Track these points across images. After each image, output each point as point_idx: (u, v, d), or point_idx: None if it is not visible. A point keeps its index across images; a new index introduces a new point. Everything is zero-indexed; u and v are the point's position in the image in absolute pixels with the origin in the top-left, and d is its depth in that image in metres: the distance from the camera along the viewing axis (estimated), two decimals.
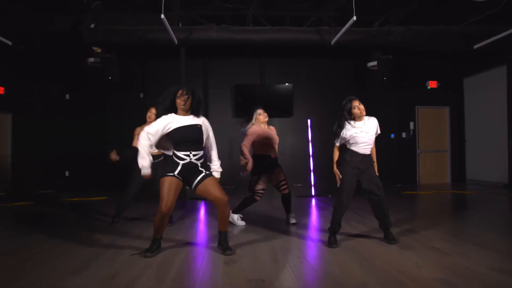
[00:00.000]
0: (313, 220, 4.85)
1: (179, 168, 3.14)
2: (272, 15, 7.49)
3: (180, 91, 3.18)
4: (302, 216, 5.11)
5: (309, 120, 7.37)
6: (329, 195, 7.21)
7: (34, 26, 6.82)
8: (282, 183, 4.45)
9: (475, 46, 7.08)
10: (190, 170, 3.17)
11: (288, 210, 4.61)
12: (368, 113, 3.56)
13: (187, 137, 3.14)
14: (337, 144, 3.60)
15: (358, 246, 3.45)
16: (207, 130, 3.33)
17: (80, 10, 6.87)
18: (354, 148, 3.51)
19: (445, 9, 6.95)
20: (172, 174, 3.12)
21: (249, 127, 4.43)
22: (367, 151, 3.53)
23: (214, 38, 6.98)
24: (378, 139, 3.64)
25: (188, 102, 3.17)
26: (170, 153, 3.26)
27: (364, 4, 5.80)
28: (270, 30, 7.06)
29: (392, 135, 9.21)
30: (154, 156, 4.43)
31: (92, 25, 7.06)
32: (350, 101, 3.52)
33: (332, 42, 6.93)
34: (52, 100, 8.86)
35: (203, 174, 3.19)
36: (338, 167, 3.58)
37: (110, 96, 9.00)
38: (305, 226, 4.47)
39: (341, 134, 3.50)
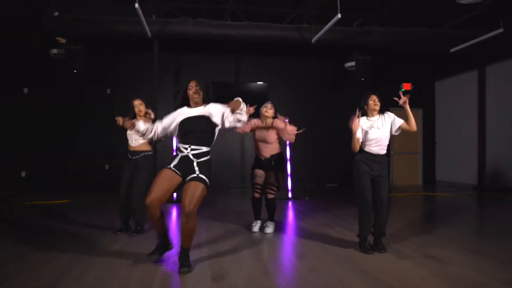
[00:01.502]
0: (294, 225, 4.62)
1: (176, 160, 3.00)
2: (251, 11, 7.21)
3: (191, 83, 3.09)
4: (283, 220, 4.88)
5: (287, 121, 7.12)
6: (306, 198, 7.05)
7: None
8: (269, 186, 4.20)
9: (452, 50, 7.16)
10: (186, 165, 2.96)
11: (269, 217, 4.30)
12: (343, 114, 3.50)
13: (189, 129, 3.01)
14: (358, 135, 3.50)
15: (351, 256, 3.26)
16: (216, 114, 3.06)
17: None
18: (366, 148, 3.47)
19: (424, 11, 6.96)
20: (168, 166, 2.98)
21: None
22: (380, 151, 3.45)
23: (191, 32, 6.62)
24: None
25: (200, 94, 3.07)
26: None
27: (344, 3, 5.64)
28: (249, 26, 6.79)
29: None
30: (134, 152, 4.07)
31: (56, 13, 6.50)
32: (369, 95, 3.55)
33: (313, 40, 6.77)
34: (8, 94, 8.11)
35: (194, 175, 2.90)
36: (353, 166, 3.52)
37: (74, 91, 8.38)
38: (287, 232, 4.24)
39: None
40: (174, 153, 3.14)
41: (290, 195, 7.06)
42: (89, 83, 8.37)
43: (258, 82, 8.70)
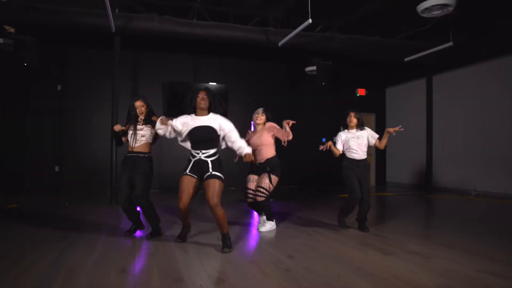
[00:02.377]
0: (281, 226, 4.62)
1: (191, 165, 3.49)
2: (217, 11, 7.12)
3: (201, 92, 3.50)
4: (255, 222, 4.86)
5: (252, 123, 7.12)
6: (271, 199, 7.08)
7: None
8: (259, 188, 4.19)
9: (406, 59, 7.65)
10: (201, 166, 3.46)
11: (267, 218, 4.36)
12: (302, 117, 4.25)
13: (199, 137, 3.48)
14: (337, 146, 4.32)
15: (340, 254, 3.33)
16: (222, 128, 3.54)
17: None
18: (348, 154, 4.28)
19: (382, 22, 7.36)
20: (185, 172, 3.48)
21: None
22: (361, 156, 4.26)
23: (156, 29, 6.37)
24: (311, 144, 4.53)
25: (207, 102, 3.50)
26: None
27: (307, 9, 5.78)
28: (215, 25, 6.70)
29: (324, 139, 9.48)
30: (134, 153, 3.83)
31: None
32: (348, 113, 4.35)
33: (280, 43, 6.85)
34: None
35: (209, 173, 3.41)
36: (343, 171, 4.27)
37: (22, 86, 7.68)
38: (268, 233, 4.23)
39: (338, 137, 4.34)
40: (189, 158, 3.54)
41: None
42: (38, 78, 7.73)
43: (218, 84, 8.61)
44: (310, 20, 5.66)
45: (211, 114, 3.56)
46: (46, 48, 7.50)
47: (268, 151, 4.25)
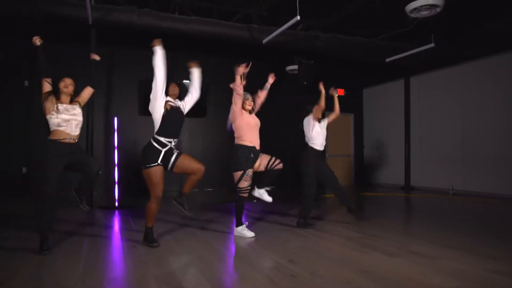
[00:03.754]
0: (258, 229, 4.45)
1: (161, 156, 3.41)
2: (199, 6, 6.85)
3: (172, 83, 3.65)
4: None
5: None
6: (254, 200, 6.91)
7: None
8: (273, 159, 4.09)
9: (387, 59, 7.71)
10: (168, 156, 3.45)
11: (266, 184, 4.20)
12: (282, 116, 4.30)
13: (174, 123, 3.53)
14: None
15: (344, 257, 3.21)
16: (187, 102, 3.78)
17: None
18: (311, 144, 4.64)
19: (364, 22, 7.37)
20: (156, 163, 3.38)
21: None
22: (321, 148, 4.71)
23: (136, 23, 6.03)
24: (290, 144, 4.31)
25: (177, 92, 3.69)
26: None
27: (291, 7, 5.68)
28: (199, 21, 6.45)
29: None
30: (71, 143, 3.37)
31: None
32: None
33: (264, 41, 6.70)
34: None
35: (176, 153, 3.50)
36: (301, 163, 4.59)
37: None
38: (260, 237, 4.06)
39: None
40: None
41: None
42: (3, 72, 7.16)
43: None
44: (298, 17, 5.55)
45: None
46: (14, 40, 6.96)
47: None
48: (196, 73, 3.93)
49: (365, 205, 6.69)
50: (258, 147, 4.05)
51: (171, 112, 3.49)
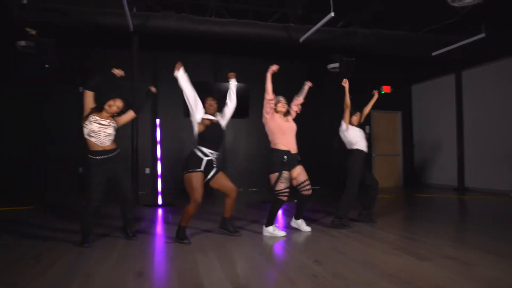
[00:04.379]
0: (291, 227, 4.40)
1: (203, 164, 3.63)
2: (234, 8, 6.97)
3: (209, 99, 3.81)
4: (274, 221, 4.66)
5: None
6: (295, 200, 6.86)
7: None
8: (306, 183, 4.06)
9: (434, 53, 7.28)
10: (209, 166, 3.68)
11: (300, 214, 4.25)
12: (325, 115, 4.19)
13: (216, 137, 3.74)
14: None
15: (370, 259, 3.09)
16: (224, 115, 3.94)
17: None
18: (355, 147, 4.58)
19: (405, 15, 7.03)
20: (199, 170, 3.61)
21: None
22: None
23: (173, 27, 6.26)
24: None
25: (215, 106, 3.83)
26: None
27: (326, 4, 5.55)
28: (235, 23, 6.54)
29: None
30: (105, 152, 3.59)
31: (25, 1, 5.94)
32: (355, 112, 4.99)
33: (301, 39, 6.64)
34: None
35: (215, 169, 3.72)
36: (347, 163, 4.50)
37: (44, 89, 7.73)
38: (290, 236, 4.02)
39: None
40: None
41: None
42: (58, 80, 7.77)
43: (239, 83, 8.45)
44: (332, 14, 5.44)
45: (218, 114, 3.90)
46: (67, 50, 7.53)
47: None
48: (233, 84, 4.08)
49: (414, 206, 6.37)
50: (293, 151, 4.02)
51: (210, 127, 3.72)
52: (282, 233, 3.95)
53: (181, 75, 3.76)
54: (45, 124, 7.79)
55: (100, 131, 3.57)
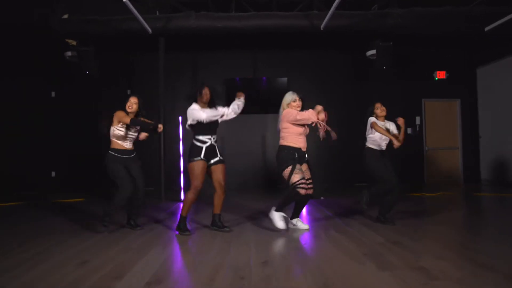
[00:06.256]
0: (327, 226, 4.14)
1: (203, 151, 3.78)
2: (259, 1, 6.84)
3: (205, 88, 3.87)
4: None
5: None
6: (322, 197, 6.53)
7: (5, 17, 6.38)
8: (309, 181, 3.88)
9: (486, 28, 6.25)
10: (211, 151, 3.83)
11: (297, 213, 4.08)
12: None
13: (212, 123, 3.85)
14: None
15: (323, 261, 2.80)
16: (222, 113, 4.00)
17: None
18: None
19: None
20: (199, 158, 3.75)
21: (284, 110, 3.93)
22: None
23: (193, 26, 6.39)
24: None
25: (208, 97, 3.90)
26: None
27: None
28: (254, 16, 6.43)
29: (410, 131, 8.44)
30: (127, 151, 4.01)
31: (66, 16, 6.59)
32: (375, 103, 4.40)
33: (322, 26, 6.25)
34: (37, 98, 8.44)
35: (218, 158, 3.88)
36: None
37: (96, 93, 8.52)
38: (324, 235, 3.83)
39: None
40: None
41: None
42: (109, 84, 8.47)
43: (280, 77, 8.34)
44: None
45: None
46: (109, 55, 8.20)
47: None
48: (241, 101, 4.13)
49: (477, 207, 5.60)
50: (304, 149, 3.91)
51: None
52: (281, 226, 3.78)
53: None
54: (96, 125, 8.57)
55: (132, 134, 4.06)
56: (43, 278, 2.58)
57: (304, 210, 5.17)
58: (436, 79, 8.42)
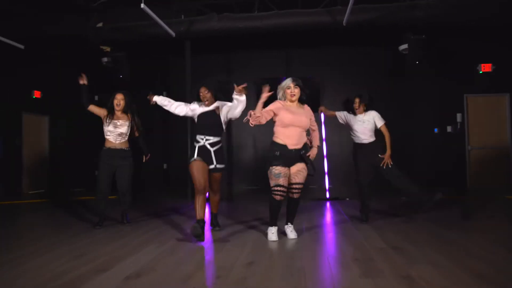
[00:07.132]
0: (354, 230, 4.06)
1: (196, 151, 3.72)
2: (283, 1, 6.76)
3: (201, 89, 3.81)
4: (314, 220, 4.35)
5: (322, 115, 6.34)
6: (347, 198, 6.31)
7: (42, 28, 6.92)
8: (297, 186, 3.53)
9: None
10: (205, 152, 3.71)
11: (290, 219, 3.71)
12: (407, 104, 4.47)
13: (203, 121, 3.79)
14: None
15: (309, 264, 2.70)
16: (224, 109, 3.81)
17: (86, 9, 6.83)
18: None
19: None
20: (193, 158, 3.68)
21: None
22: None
23: (216, 28, 6.48)
24: (419, 136, 3.76)
25: (209, 97, 3.81)
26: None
27: None
28: (275, 14, 6.38)
29: (436, 130, 7.90)
30: (116, 149, 4.17)
31: (100, 24, 7.01)
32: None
33: (344, 22, 6.02)
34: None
35: (213, 166, 3.74)
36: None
37: (135, 96, 8.93)
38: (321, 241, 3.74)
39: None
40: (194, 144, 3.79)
41: (327, 195, 6.43)
42: (145, 87, 8.84)
43: (312, 76, 8.19)
44: None
45: (216, 102, 3.86)
46: (141, 60, 8.57)
47: (304, 136, 3.55)
48: (242, 98, 3.66)
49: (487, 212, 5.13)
50: (293, 146, 3.43)
51: (201, 116, 3.83)
52: (273, 238, 3.51)
53: (158, 100, 4.04)
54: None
55: (114, 131, 4.17)
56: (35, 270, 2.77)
57: (321, 212, 5.03)
58: (481, 72, 7.74)
